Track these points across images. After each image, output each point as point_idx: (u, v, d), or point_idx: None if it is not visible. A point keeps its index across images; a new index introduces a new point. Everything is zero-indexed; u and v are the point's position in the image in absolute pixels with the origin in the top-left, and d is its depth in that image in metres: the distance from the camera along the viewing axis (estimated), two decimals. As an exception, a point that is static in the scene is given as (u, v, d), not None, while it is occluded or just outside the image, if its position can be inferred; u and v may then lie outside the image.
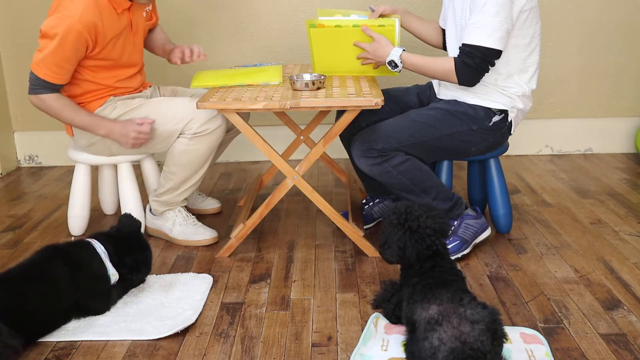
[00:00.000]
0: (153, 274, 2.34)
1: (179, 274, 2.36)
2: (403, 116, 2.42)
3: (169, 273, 2.37)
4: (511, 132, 2.48)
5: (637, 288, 2.18)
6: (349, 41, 2.50)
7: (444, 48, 2.62)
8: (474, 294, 1.73)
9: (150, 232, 2.70)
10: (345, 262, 2.42)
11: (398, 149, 2.33)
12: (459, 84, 2.32)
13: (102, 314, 2.06)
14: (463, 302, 1.64)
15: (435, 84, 2.64)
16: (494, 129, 2.42)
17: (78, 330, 1.98)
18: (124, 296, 2.18)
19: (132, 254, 2.16)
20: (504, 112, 2.41)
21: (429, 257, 1.85)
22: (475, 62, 2.25)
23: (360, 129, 2.53)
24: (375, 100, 2.22)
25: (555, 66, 3.62)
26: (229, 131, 2.74)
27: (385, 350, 1.82)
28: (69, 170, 3.42)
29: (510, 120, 2.43)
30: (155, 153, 2.68)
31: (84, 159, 2.64)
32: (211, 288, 2.25)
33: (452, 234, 2.40)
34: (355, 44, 2.48)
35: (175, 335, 1.96)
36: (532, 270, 2.33)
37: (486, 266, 2.37)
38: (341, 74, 2.64)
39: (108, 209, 2.95)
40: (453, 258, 2.36)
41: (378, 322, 1.94)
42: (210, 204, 2.98)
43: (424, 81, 2.79)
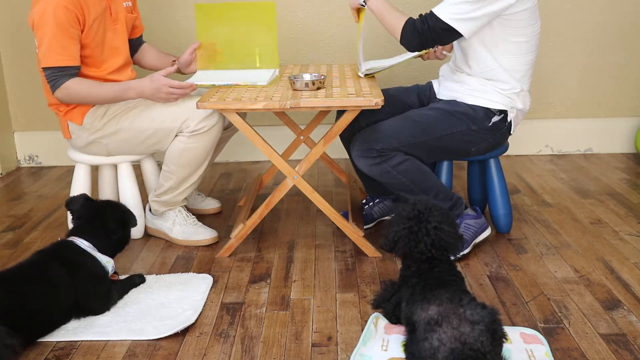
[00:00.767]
0: (153, 274, 2.34)
1: (179, 274, 2.36)
2: (403, 116, 2.42)
3: (169, 273, 2.37)
4: (511, 132, 2.48)
5: (637, 288, 2.18)
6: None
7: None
8: (473, 294, 1.73)
9: (150, 232, 2.70)
10: (345, 262, 2.42)
11: (397, 149, 2.33)
12: (400, 42, 2.31)
13: (102, 314, 2.06)
14: (462, 303, 1.64)
15: (435, 84, 2.64)
16: (493, 129, 2.42)
17: (78, 330, 1.98)
18: (124, 296, 2.18)
19: (107, 218, 2.17)
20: (504, 112, 2.41)
21: (427, 259, 1.85)
22: (423, 28, 2.25)
23: (360, 129, 2.53)
24: (375, 100, 2.22)
25: (555, 66, 3.62)
26: (226, 129, 2.74)
27: (385, 350, 1.82)
28: (69, 170, 3.42)
29: (510, 121, 2.43)
30: (154, 153, 2.68)
31: (84, 159, 2.64)
32: (211, 288, 2.25)
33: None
34: None
35: (175, 335, 1.96)
36: (532, 270, 2.33)
37: (486, 266, 2.37)
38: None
39: (108, 209, 2.95)
40: (453, 258, 2.36)
41: (378, 322, 1.94)
42: (210, 204, 2.98)
43: (423, 81, 2.79)
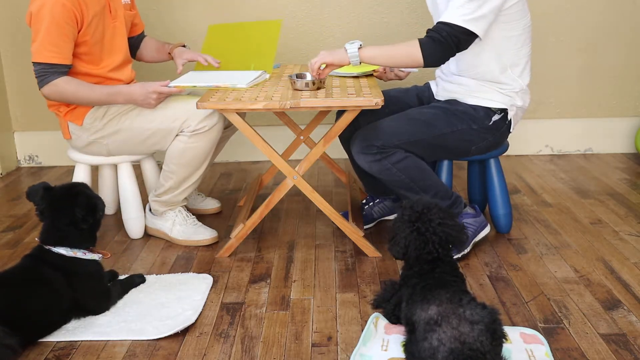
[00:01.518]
0: (153, 274, 2.34)
1: (179, 274, 2.36)
2: (403, 114, 2.42)
3: (169, 273, 2.37)
4: (510, 130, 2.48)
5: (637, 288, 2.18)
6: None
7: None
8: (473, 295, 1.73)
9: (150, 232, 2.70)
10: (345, 262, 2.42)
11: (398, 146, 2.32)
12: (425, 63, 2.23)
13: (102, 314, 2.06)
14: (462, 303, 1.64)
15: (433, 85, 2.64)
16: (493, 128, 2.42)
17: (78, 330, 1.98)
18: (124, 296, 2.17)
19: (69, 212, 2.01)
20: (504, 111, 2.41)
21: (431, 260, 1.85)
22: (442, 36, 2.20)
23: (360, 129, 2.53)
24: (375, 100, 2.22)
25: (555, 66, 3.62)
26: (226, 128, 2.74)
27: (385, 350, 1.82)
28: (69, 170, 3.42)
29: (510, 119, 2.43)
30: (155, 153, 2.68)
31: (84, 159, 2.64)
32: (211, 288, 2.24)
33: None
34: (310, 66, 2.33)
35: (175, 335, 1.96)
36: (532, 270, 2.33)
37: (486, 266, 2.37)
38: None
39: (108, 209, 2.94)
40: (455, 257, 2.36)
41: (378, 322, 1.94)
42: (210, 204, 2.98)
43: (421, 82, 2.79)
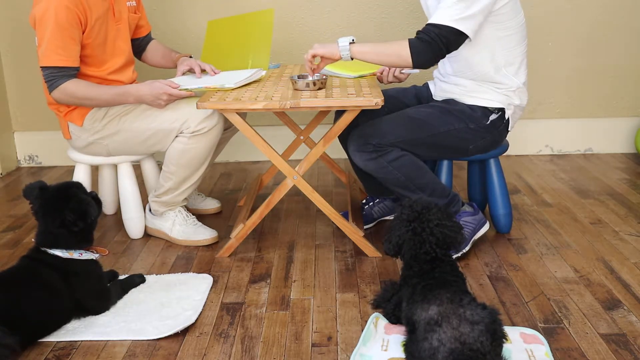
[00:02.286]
0: (153, 274, 2.34)
1: (179, 274, 2.36)
2: (400, 113, 2.42)
3: (169, 273, 2.37)
4: (509, 129, 2.48)
5: (637, 288, 2.18)
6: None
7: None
8: (473, 295, 1.73)
9: (150, 232, 2.70)
10: (345, 262, 2.42)
11: (394, 144, 2.32)
12: (413, 64, 2.22)
13: (102, 314, 2.06)
14: (463, 303, 1.63)
15: (431, 85, 2.64)
16: (491, 128, 2.42)
17: (78, 330, 1.98)
18: (124, 296, 2.17)
19: (62, 211, 1.99)
20: (501, 110, 2.41)
21: (430, 260, 1.85)
22: (430, 37, 2.18)
23: (358, 129, 2.52)
24: (375, 100, 2.22)
25: (555, 66, 3.63)
26: (226, 129, 2.74)
27: (385, 350, 1.82)
28: (69, 170, 3.42)
29: (508, 118, 2.43)
30: (155, 153, 2.68)
31: (84, 159, 2.64)
32: (211, 288, 2.24)
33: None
34: (306, 60, 2.33)
35: (175, 335, 1.96)
36: (532, 270, 2.33)
37: (486, 266, 2.37)
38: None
39: (108, 209, 2.95)
40: (454, 256, 2.36)
41: (378, 322, 1.94)
42: (210, 204, 2.98)
43: (420, 82, 2.79)
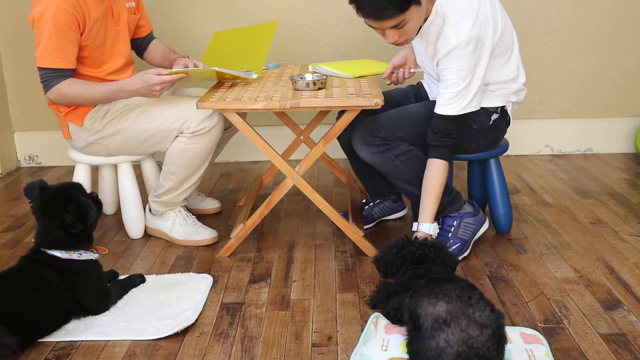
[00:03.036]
0: (153, 274, 2.34)
1: (179, 274, 2.36)
2: (405, 107, 2.43)
3: (169, 273, 2.37)
4: (509, 124, 2.48)
5: (637, 288, 2.18)
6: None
7: None
8: (480, 290, 1.71)
9: (150, 232, 2.70)
10: (345, 262, 2.42)
11: (401, 138, 2.32)
12: (449, 160, 2.32)
13: (102, 314, 2.06)
14: (472, 302, 1.61)
15: (425, 86, 2.64)
16: (494, 127, 2.42)
17: (78, 330, 1.98)
18: (124, 296, 2.17)
19: (61, 213, 1.97)
20: (501, 108, 2.41)
21: (421, 260, 1.86)
22: (452, 137, 2.26)
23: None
24: (375, 100, 2.22)
25: (555, 66, 3.63)
26: (226, 129, 2.74)
27: (385, 350, 1.82)
28: (69, 170, 3.42)
29: (509, 115, 2.44)
30: (155, 153, 2.68)
31: (84, 159, 2.64)
32: (211, 288, 2.24)
33: (453, 236, 2.40)
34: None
35: (175, 335, 1.96)
36: (532, 270, 2.33)
37: (486, 266, 2.37)
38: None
39: (108, 209, 2.95)
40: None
41: (378, 322, 1.93)
42: (210, 204, 2.98)
43: (415, 81, 2.78)
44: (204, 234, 2.61)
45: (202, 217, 2.83)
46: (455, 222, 2.42)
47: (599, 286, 2.20)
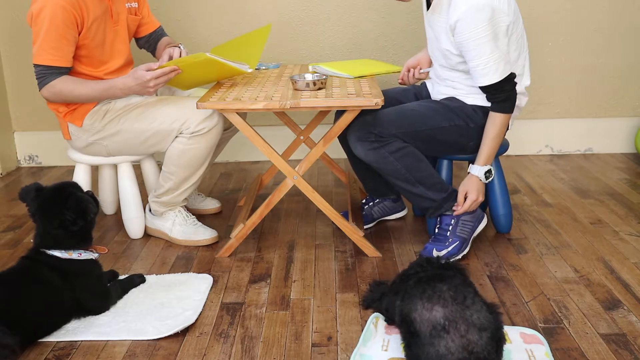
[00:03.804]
0: (153, 274, 2.34)
1: (179, 274, 2.36)
2: (403, 106, 2.44)
3: (169, 273, 2.37)
4: (508, 128, 2.48)
5: (637, 288, 2.18)
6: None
7: None
8: (473, 287, 1.69)
9: (150, 232, 2.70)
10: (345, 262, 2.42)
11: (396, 135, 2.32)
12: (512, 115, 2.36)
13: (102, 314, 2.06)
14: (467, 303, 1.58)
15: (429, 85, 2.64)
16: None
17: (78, 330, 1.98)
18: (124, 296, 2.17)
19: (61, 211, 1.98)
20: None
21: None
22: (501, 94, 2.31)
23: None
24: (375, 100, 2.22)
25: (555, 66, 3.63)
26: (226, 129, 2.74)
27: (385, 350, 1.82)
28: (69, 170, 3.42)
29: None
30: (154, 153, 2.68)
31: (84, 159, 2.64)
32: (211, 288, 2.25)
33: (451, 235, 2.40)
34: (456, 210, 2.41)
35: (175, 335, 1.96)
36: (532, 270, 2.33)
37: (486, 266, 2.37)
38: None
39: (108, 209, 2.95)
40: (454, 259, 2.36)
41: (378, 322, 1.94)
42: (210, 204, 2.98)
43: (418, 82, 2.79)
44: (204, 234, 2.61)
45: (202, 217, 2.83)
46: (453, 221, 2.41)
47: (599, 286, 2.20)
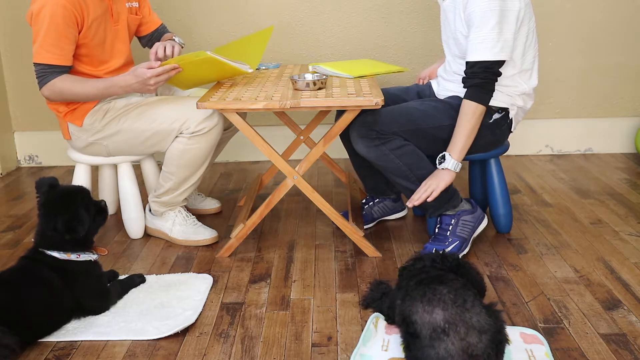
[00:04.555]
0: (153, 274, 2.34)
1: (179, 274, 2.36)
2: (405, 104, 2.44)
3: (169, 273, 2.37)
4: (512, 130, 2.48)
5: (637, 288, 2.18)
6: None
7: None
8: (472, 289, 1.70)
9: (150, 232, 2.70)
10: (345, 262, 2.42)
11: (397, 133, 2.33)
12: (486, 106, 2.30)
13: (102, 314, 2.06)
14: (467, 306, 1.59)
15: (434, 84, 2.64)
16: (493, 126, 2.42)
17: (78, 330, 1.98)
18: (124, 296, 2.17)
19: (55, 217, 1.97)
20: (505, 110, 2.41)
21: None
22: (481, 77, 2.27)
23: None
24: (375, 100, 2.22)
25: (555, 66, 3.63)
26: (226, 129, 2.74)
27: (386, 350, 1.82)
28: (69, 170, 3.42)
29: (511, 118, 2.43)
30: (154, 153, 2.68)
31: (84, 159, 2.64)
32: (211, 288, 2.24)
33: (451, 234, 2.40)
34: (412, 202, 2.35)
35: (175, 335, 1.96)
36: (532, 270, 2.33)
37: (486, 266, 2.37)
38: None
39: (108, 209, 2.94)
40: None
41: (378, 322, 1.94)
42: (210, 204, 2.98)
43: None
44: (204, 234, 2.61)
45: (202, 217, 2.83)
46: (453, 220, 2.41)
47: (599, 286, 2.20)
